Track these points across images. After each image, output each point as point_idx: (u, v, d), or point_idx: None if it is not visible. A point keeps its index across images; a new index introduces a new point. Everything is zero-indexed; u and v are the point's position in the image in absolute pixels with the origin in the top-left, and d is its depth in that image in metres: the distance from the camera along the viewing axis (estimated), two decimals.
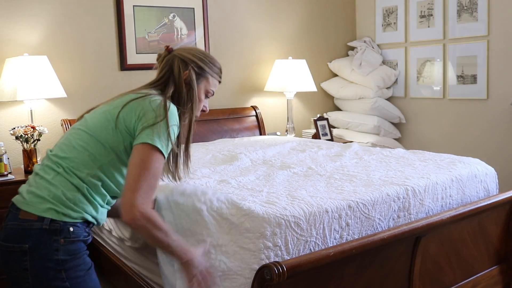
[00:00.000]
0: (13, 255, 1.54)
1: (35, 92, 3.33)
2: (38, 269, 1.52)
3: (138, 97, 1.68)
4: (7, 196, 3.10)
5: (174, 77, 1.75)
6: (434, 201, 2.51)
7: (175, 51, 1.81)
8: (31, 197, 1.57)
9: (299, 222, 1.98)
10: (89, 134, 1.66)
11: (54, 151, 1.69)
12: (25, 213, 1.54)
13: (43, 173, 1.62)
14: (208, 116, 4.28)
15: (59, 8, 3.72)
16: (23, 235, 1.52)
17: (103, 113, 1.70)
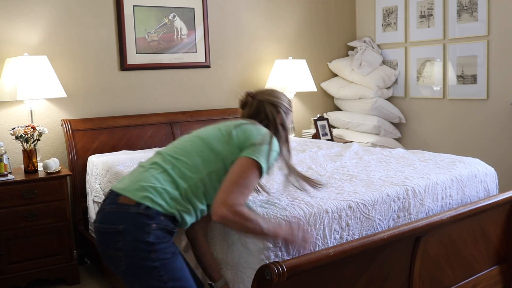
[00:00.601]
0: (108, 235, 1.70)
1: (35, 92, 3.33)
2: (130, 249, 1.67)
3: (248, 122, 1.92)
4: (7, 197, 3.12)
5: (269, 121, 1.97)
6: (434, 201, 2.51)
7: (259, 96, 2.01)
8: (132, 185, 1.74)
9: (299, 223, 1.98)
10: (204, 142, 1.84)
11: (167, 151, 1.85)
12: (125, 198, 1.71)
13: (149, 167, 1.79)
14: (208, 116, 4.28)
15: (59, 8, 3.72)
16: (119, 218, 1.69)
17: (218, 129, 1.89)
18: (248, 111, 2.01)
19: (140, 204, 1.68)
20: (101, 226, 1.73)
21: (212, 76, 4.45)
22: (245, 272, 1.90)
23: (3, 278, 3.14)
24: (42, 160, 3.56)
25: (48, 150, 3.72)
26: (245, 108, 2.04)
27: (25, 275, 3.20)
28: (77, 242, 3.68)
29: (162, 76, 4.19)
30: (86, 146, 3.68)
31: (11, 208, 3.14)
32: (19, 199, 3.16)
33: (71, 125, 3.67)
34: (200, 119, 4.23)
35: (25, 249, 3.20)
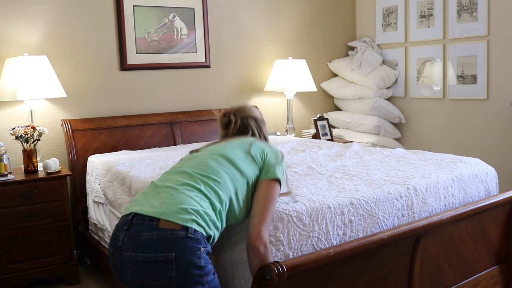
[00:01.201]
0: (155, 265, 1.58)
1: (35, 92, 3.33)
2: (184, 275, 1.59)
3: (257, 140, 2.03)
4: (7, 197, 3.12)
5: (256, 136, 2.11)
6: (437, 200, 2.51)
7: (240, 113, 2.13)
8: (171, 208, 1.64)
9: (301, 217, 1.98)
10: (230, 160, 1.85)
11: (193, 170, 1.80)
12: (167, 222, 1.60)
13: (182, 188, 1.71)
14: (208, 116, 4.28)
15: (59, 8, 3.72)
16: (166, 244, 1.58)
17: (237, 147, 1.93)
18: (233, 129, 2.08)
19: (187, 228, 1.61)
20: (142, 255, 1.59)
21: (212, 76, 4.45)
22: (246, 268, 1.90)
23: (3, 278, 3.14)
24: (42, 160, 3.56)
25: (48, 150, 3.72)
26: (228, 127, 2.10)
27: (25, 275, 3.20)
28: (77, 242, 3.68)
29: (162, 76, 4.19)
30: (86, 146, 3.68)
31: (11, 208, 3.14)
32: (19, 199, 3.16)
33: (71, 125, 3.67)
34: (200, 119, 4.23)
35: (25, 249, 3.20)
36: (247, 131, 2.08)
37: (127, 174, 2.92)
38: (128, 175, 2.90)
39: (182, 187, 1.72)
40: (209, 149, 1.93)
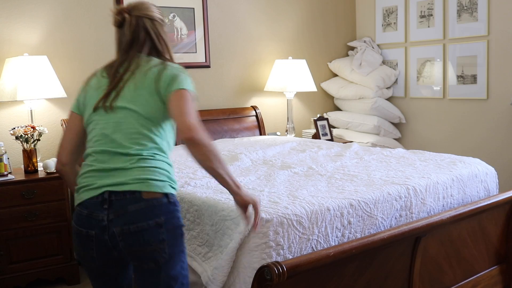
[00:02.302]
0: (148, 231, 1.66)
1: (35, 92, 3.33)
2: (172, 237, 1.70)
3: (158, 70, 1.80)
4: (7, 197, 3.11)
5: (151, 37, 1.89)
6: (436, 201, 2.51)
7: (135, 12, 1.92)
8: (147, 181, 1.68)
9: (301, 221, 1.98)
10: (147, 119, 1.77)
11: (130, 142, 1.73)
12: (148, 193, 1.67)
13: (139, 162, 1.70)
14: (208, 116, 4.28)
15: (59, 8, 3.72)
16: (154, 211, 1.67)
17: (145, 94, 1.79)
18: (128, 31, 1.92)
19: (167, 194, 1.70)
20: (133, 226, 1.65)
21: (212, 76, 4.45)
22: (245, 272, 1.90)
23: (3, 278, 3.13)
24: (42, 160, 3.56)
25: (48, 150, 3.72)
26: (123, 26, 1.95)
27: (25, 275, 3.19)
28: None
29: None
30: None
31: (11, 208, 3.14)
32: (19, 199, 3.16)
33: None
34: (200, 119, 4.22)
35: (25, 249, 3.19)
36: (141, 34, 1.89)
37: None
38: None
39: (142, 157, 1.71)
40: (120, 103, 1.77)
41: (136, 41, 1.89)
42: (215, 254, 2.06)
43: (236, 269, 1.95)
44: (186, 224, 2.27)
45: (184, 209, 2.30)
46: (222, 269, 1.98)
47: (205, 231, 2.15)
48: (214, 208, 2.13)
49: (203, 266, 2.11)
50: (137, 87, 1.78)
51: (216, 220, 2.09)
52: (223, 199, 2.17)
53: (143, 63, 1.85)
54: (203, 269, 2.10)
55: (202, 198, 2.25)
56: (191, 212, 2.26)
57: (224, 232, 2.03)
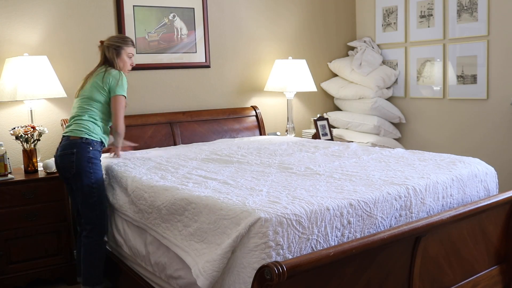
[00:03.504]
0: (66, 156, 2.90)
1: (35, 92, 3.33)
2: (80, 160, 2.88)
3: (104, 75, 3.08)
4: (7, 197, 3.12)
5: (107, 57, 3.15)
6: (435, 200, 2.51)
7: (105, 42, 3.18)
8: (74, 130, 2.95)
9: (300, 220, 1.98)
10: (92, 100, 3.05)
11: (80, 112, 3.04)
12: (73, 137, 2.93)
13: (77, 120, 3.00)
14: (208, 116, 4.29)
15: (59, 8, 3.72)
16: (72, 146, 2.90)
17: (95, 87, 3.06)
18: (101, 54, 3.17)
19: (82, 138, 2.92)
20: (62, 152, 2.91)
21: (212, 76, 4.45)
22: (245, 272, 1.90)
23: (3, 278, 3.13)
24: (42, 160, 3.56)
25: (48, 150, 3.72)
26: (100, 51, 3.18)
27: (25, 275, 3.20)
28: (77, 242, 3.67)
29: (162, 76, 4.19)
30: None
31: (11, 208, 3.14)
32: (19, 199, 3.16)
33: None
34: (200, 119, 4.23)
35: (25, 249, 3.20)
36: (102, 57, 3.16)
37: (122, 175, 2.93)
38: (123, 176, 2.91)
39: (78, 120, 3.00)
40: (82, 94, 3.06)
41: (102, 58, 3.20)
42: (211, 250, 2.06)
43: (236, 269, 1.95)
44: (184, 220, 2.28)
45: (182, 206, 2.30)
46: (214, 263, 1.98)
47: (202, 228, 2.15)
48: (212, 207, 2.13)
49: (195, 259, 2.11)
50: (90, 83, 3.07)
51: (214, 218, 2.10)
52: (222, 198, 2.17)
53: (99, 69, 3.15)
54: (194, 262, 2.10)
55: (200, 196, 2.26)
56: (189, 209, 2.26)
57: (223, 231, 2.03)
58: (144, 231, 2.61)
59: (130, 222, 2.78)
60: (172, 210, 2.36)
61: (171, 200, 2.38)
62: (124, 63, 3.17)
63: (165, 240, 2.38)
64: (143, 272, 2.68)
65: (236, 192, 2.29)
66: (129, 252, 2.78)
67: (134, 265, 2.80)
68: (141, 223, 2.62)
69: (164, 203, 2.42)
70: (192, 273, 2.09)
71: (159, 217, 2.46)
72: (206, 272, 2.00)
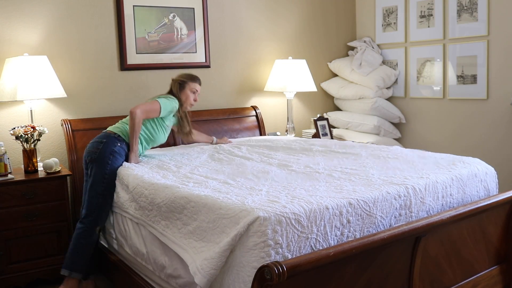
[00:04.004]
0: (95, 143, 3.12)
1: (35, 92, 3.33)
2: (104, 149, 3.07)
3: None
4: (7, 197, 3.12)
5: (172, 90, 3.48)
6: (435, 200, 2.51)
7: (173, 77, 3.54)
8: (114, 127, 3.27)
9: (299, 219, 1.98)
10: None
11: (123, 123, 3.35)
12: (109, 131, 3.21)
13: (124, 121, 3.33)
14: (208, 116, 4.29)
15: (59, 8, 3.72)
16: (104, 137, 3.14)
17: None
18: (170, 88, 3.50)
19: (114, 133, 3.18)
20: (94, 139, 3.17)
21: (212, 76, 4.45)
22: (244, 271, 1.90)
23: (3, 278, 3.13)
24: (42, 160, 3.56)
25: (48, 150, 3.72)
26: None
27: (25, 275, 3.20)
28: None
29: (162, 76, 4.19)
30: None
31: (11, 208, 3.14)
32: (19, 199, 3.16)
33: (71, 125, 3.67)
34: (200, 119, 4.23)
35: (25, 249, 3.20)
36: (172, 89, 3.47)
37: (124, 173, 2.93)
38: (126, 173, 2.92)
39: (123, 122, 3.32)
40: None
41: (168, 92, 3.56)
42: (209, 249, 2.06)
43: (235, 268, 1.95)
44: (183, 219, 2.29)
45: (181, 205, 2.31)
46: (212, 261, 1.98)
47: (202, 227, 2.15)
48: (212, 206, 2.13)
49: (193, 257, 2.11)
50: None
51: (213, 217, 2.10)
52: (221, 198, 2.17)
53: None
54: (192, 259, 2.10)
55: (200, 195, 2.26)
56: (188, 208, 2.26)
57: (222, 230, 2.03)
58: (145, 230, 2.62)
59: (131, 220, 2.78)
60: (172, 208, 2.37)
61: (171, 198, 2.39)
62: (186, 97, 3.43)
63: (164, 237, 2.38)
64: (143, 272, 2.68)
65: (236, 192, 2.29)
66: (129, 251, 2.78)
67: (134, 265, 2.80)
68: (141, 220, 2.63)
69: (164, 201, 2.43)
70: (190, 271, 2.09)
71: (159, 215, 2.46)
72: (204, 270, 2.00)
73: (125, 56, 3.98)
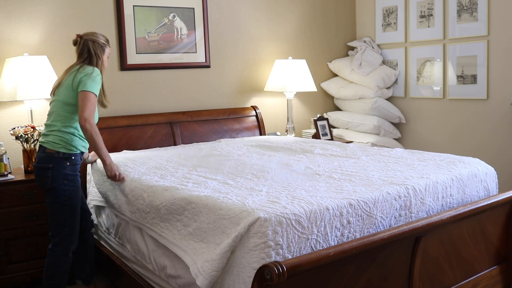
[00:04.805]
0: (42, 170, 2.72)
1: (35, 92, 3.33)
2: (55, 177, 2.70)
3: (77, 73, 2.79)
4: (7, 197, 3.12)
5: (91, 53, 2.86)
6: (435, 200, 2.51)
7: (88, 37, 2.88)
8: (51, 143, 2.73)
9: (300, 220, 1.98)
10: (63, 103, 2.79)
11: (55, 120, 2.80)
12: (50, 150, 2.71)
13: (52, 132, 2.76)
14: (208, 116, 4.29)
15: (59, 8, 3.72)
16: (48, 160, 2.71)
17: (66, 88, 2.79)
18: (77, 48, 2.89)
19: (59, 152, 2.71)
20: (38, 165, 2.74)
21: (212, 76, 4.45)
22: (245, 272, 1.90)
23: (3, 278, 3.13)
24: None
25: None
26: (76, 45, 2.90)
27: (25, 275, 3.20)
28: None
29: (162, 76, 4.19)
30: None
31: (11, 208, 3.14)
32: (19, 199, 3.16)
33: None
34: (200, 119, 4.23)
35: (25, 249, 3.20)
36: (84, 53, 2.86)
37: None
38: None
39: (54, 129, 2.75)
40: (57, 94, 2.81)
41: (80, 54, 2.89)
42: (210, 250, 2.06)
43: (236, 269, 1.95)
44: (183, 220, 2.28)
45: (181, 206, 2.30)
46: (213, 263, 1.98)
47: (202, 228, 2.15)
48: (212, 206, 2.13)
49: (194, 259, 2.11)
50: (62, 84, 2.81)
51: (213, 218, 2.10)
52: (221, 198, 2.17)
53: (75, 67, 2.84)
54: (193, 261, 2.10)
55: (200, 196, 2.26)
56: (189, 209, 2.26)
57: (223, 231, 2.03)
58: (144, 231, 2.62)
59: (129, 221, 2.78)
60: (172, 210, 2.36)
61: (171, 200, 2.38)
62: (104, 62, 2.95)
63: (163, 239, 2.38)
64: (143, 272, 2.68)
65: (236, 192, 2.29)
66: (130, 250, 2.78)
67: (134, 264, 2.79)
68: (138, 223, 2.63)
69: (163, 203, 2.42)
70: (191, 272, 2.09)
71: (158, 217, 2.46)
72: (205, 272, 2.00)
73: (125, 56, 3.98)
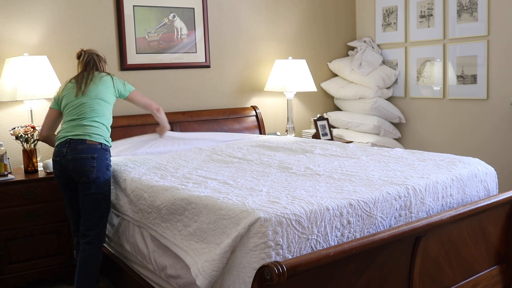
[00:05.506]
0: (87, 160, 2.77)
1: (35, 92, 3.33)
2: (100, 166, 2.80)
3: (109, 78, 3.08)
4: (7, 197, 3.12)
5: (96, 63, 3.08)
6: (435, 200, 2.51)
7: (87, 51, 3.09)
8: (92, 135, 2.84)
9: (300, 220, 1.98)
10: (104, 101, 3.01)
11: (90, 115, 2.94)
12: (91, 141, 2.82)
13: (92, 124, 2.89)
14: (208, 116, 4.29)
15: (59, 8, 3.72)
16: (92, 151, 2.80)
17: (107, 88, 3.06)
18: (82, 60, 3.06)
19: (101, 144, 2.85)
20: (79, 155, 2.76)
21: (212, 76, 4.45)
22: (245, 272, 1.90)
23: (3, 278, 3.13)
24: (42, 160, 3.56)
25: (48, 150, 3.71)
26: (80, 58, 3.08)
27: (25, 275, 3.20)
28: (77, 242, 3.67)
29: (162, 76, 4.19)
30: None
31: (11, 208, 3.14)
32: (19, 199, 3.16)
33: None
34: (200, 119, 4.23)
35: (25, 249, 3.20)
36: (91, 62, 3.06)
37: (121, 175, 2.94)
38: (123, 176, 2.92)
39: (92, 124, 2.88)
40: (89, 94, 2.94)
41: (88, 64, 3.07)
42: (210, 250, 2.06)
43: (236, 269, 1.95)
44: (184, 220, 2.29)
45: (181, 206, 2.31)
46: (213, 263, 1.98)
47: (202, 228, 2.15)
48: (212, 207, 2.13)
49: (195, 259, 2.11)
50: (96, 84, 2.99)
51: (213, 218, 2.10)
52: (221, 198, 2.17)
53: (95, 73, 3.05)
54: (194, 262, 2.10)
55: (200, 196, 2.26)
56: (189, 209, 2.26)
57: (223, 231, 2.03)
58: (145, 230, 2.62)
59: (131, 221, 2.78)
60: (172, 210, 2.36)
61: (171, 200, 2.38)
62: None
63: (165, 239, 2.38)
64: (144, 272, 2.68)
65: (236, 192, 2.29)
66: (131, 249, 2.78)
67: (134, 264, 2.80)
68: (141, 223, 2.63)
69: (164, 203, 2.42)
70: (191, 273, 2.09)
71: (159, 217, 2.46)
72: (205, 272, 2.00)
73: (125, 56, 3.98)
